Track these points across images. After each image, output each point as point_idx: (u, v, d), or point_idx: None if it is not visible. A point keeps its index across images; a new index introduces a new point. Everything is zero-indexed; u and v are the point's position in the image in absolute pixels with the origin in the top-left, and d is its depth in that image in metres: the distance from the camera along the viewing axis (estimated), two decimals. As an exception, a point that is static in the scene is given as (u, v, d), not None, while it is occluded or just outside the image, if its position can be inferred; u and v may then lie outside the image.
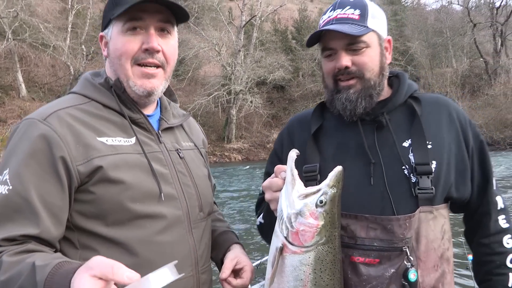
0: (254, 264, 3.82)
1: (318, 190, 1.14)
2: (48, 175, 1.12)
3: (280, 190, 1.20)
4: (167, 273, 0.89)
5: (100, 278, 0.88)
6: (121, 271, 0.87)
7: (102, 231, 1.15)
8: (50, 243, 1.13)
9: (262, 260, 3.91)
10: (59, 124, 1.16)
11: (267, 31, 38.64)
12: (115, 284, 0.89)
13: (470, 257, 3.32)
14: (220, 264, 1.50)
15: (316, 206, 1.13)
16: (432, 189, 1.34)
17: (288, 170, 1.17)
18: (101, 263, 0.90)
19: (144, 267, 1.05)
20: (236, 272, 1.43)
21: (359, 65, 1.38)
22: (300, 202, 1.13)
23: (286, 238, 1.12)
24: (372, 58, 1.40)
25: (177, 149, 1.39)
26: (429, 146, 1.39)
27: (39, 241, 1.11)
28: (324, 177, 1.19)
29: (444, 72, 35.47)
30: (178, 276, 0.91)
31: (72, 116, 1.20)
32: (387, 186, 1.36)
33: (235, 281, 1.40)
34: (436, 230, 1.36)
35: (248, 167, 23.27)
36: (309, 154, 1.45)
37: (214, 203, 1.68)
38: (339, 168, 1.18)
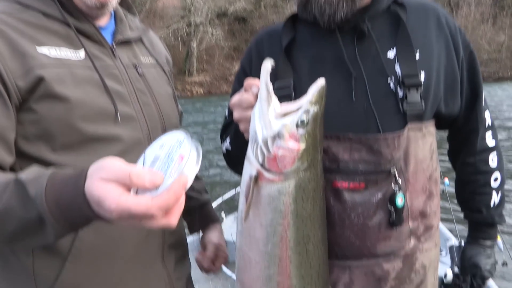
0: (225, 198, 3.83)
1: (299, 108, 0.97)
2: None
3: (251, 107, 1.01)
4: (193, 158, 0.75)
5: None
6: (141, 177, 0.71)
7: (49, 157, 0.99)
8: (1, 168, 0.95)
9: (237, 190, 3.86)
10: None
11: (227, -43, 36.91)
12: None
13: (447, 181, 3.39)
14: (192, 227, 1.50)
15: (297, 126, 0.95)
16: (421, 103, 1.20)
17: (263, 84, 0.96)
18: (115, 169, 0.73)
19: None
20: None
21: None
22: (277, 123, 0.95)
23: (261, 165, 0.96)
24: None
25: (135, 65, 1.20)
26: (417, 56, 1.24)
27: None
28: (299, 95, 1.03)
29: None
30: (200, 158, 0.77)
31: (5, 23, 0.99)
32: (371, 102, 1.20)
33: (214, 267, 1.46)
34: (425, 149, 1.26)
35: (209, 102, 23.06)
36: (281, 70, 1.26)
37: None
38: (321, 81, 0.99)
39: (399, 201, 1.19)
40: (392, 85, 1.22)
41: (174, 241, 1.23)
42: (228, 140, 1.39)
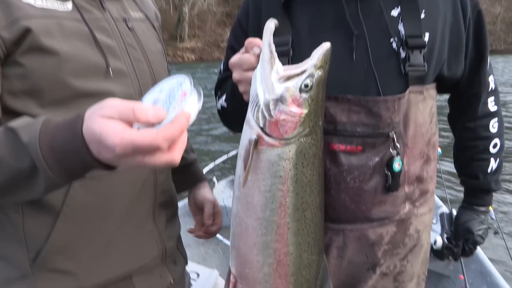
0: (216, 163, 3.82)
1: (303, 72, 0.93)
2: None
3: (252, 69, 0.97)
4: (195, 95, 0.76)
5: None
6: (145, 111, 0.69)
7: (37, 113, 0.93)
8: None
9: (229, 155, 3.84)
10: None
11: None
12: None
13: (439, 150, 3.38)
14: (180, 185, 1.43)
15: (300, 91, 0.92)
16: (424, 65, 1.15)
17: (266, 45, 0.93)
18: (117, 106, 0.70)
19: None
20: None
21: None
22: (280, 86, 0.92)
23: (262, 129, 0.93)
24: None
25: (125, 19, 1.15)
26: (422, 15, 1.19)
27: None
28: (297, 52, 1.01)
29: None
30: (201, 97, 0.77)
31: None
32: (372, 62, 1.16)
33: (212, 228, 1.41)
34: (425, 113, 1.23)
35: (201, 68, 22.83)
36: (279, 26, 1.23)
37: None
38: (327, 45, 0.95)
39: (397, 166, 1.17)
40: (394, 45, 1.17)
41: (165, 200, 1.22)
42: (224, 97, 1.33)
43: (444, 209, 2.91)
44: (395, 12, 1.18)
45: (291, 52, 1.19)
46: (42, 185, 0.76)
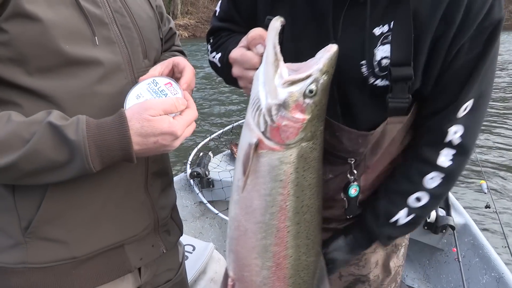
0: (212, 137, 3.82)
1: (308, 76, 0.88)
2: None
3: (254, 69, 0.94)
4: (175, 84, 1.04)
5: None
6: (179, 102, 0.99)
7: (24, 81, 0.94)
8: None
9: (224, 129, 3.82)
10: None
11: None
12: None
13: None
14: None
15: (305, 96, 0.88)
16: (408, 97, 1.00)
17: (270, 46, 0.87)
18: (159, 104, 0.96)
19: None
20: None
21: None
22: (284, 91, 0.87)
23: (263, 133, 0.90)
24: None
25: None
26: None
27: None
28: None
29: None
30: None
31: None
32: (336, 85, 1.02)
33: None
34: (398, 137, 1.10)
35: (195, 46, 22.58)
36: (261, 11, 1.11)
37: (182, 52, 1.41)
38: (334, 48, 0.89)
39: (353, 191, 1.14)
40: (364, 69, 1.01)
41: (158, 169, 1.21)
42: (218, 57, 1.23)
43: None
44: (378, 30, 0.99)
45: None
46: (73, 174, 0.93)
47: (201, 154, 3.57)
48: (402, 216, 1.13)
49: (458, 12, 0.93)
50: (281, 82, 0.88)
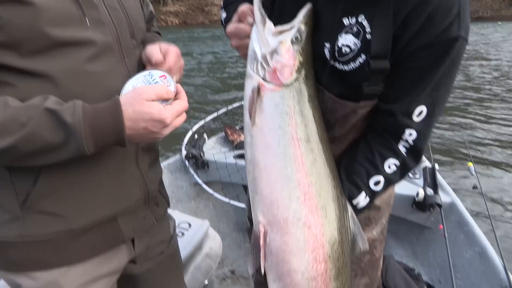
0: (206, 120, 3.87)
1: (292, 27, 1.05)
2: None
3: (248, 36, 1.09)
4: (169, 77, 1.09)
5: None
6: (169, 90, 1.04)
7: (17, 63, 0.96)
8: None
9: (219, 112, 3.87)
10: None
11: None
12: None
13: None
14: None
15: (292, 42, 1.04)
16: (382, 87, 1.10)
17: (257, 10, 1.05)
18: (153, 90, 1.00)
19: (69, 100, 0.97)
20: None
21: None
22: (274, 40, 1.04)
23: (263, 78, 1.05)
24: None
25: None
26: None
27: None
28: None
29: None
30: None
31: None
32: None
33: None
34: (366, 116, 1.18)
35: (187, 33, 22.41)
36: None
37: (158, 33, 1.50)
38: (309, 6, 1.07)
39: None
40: (326, 52, 1.12)
41: (147, 145, 1.26)
42: (224, 16, 1.36)
43: (427, 163, 3.01)
44: (347, 20, 1.09)
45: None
46: (68, 156, 0.96)
47: (196, 136, 3.61)
48: (362, 199, 1.16)
49: (418, 19, 1.01)
50: (271, 33, 1.04)
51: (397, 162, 1.15)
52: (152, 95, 0.99)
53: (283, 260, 1.05)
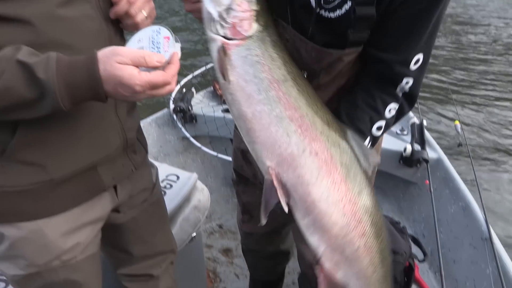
0: (195, 74, 3.80)
1: None
2: None
3: (198, 1, 1.06)
4: (174, 37, 1.01)
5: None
6: (152, 58, 0.93)
7: None
8: None
9: (207, 67, 3.79)
10: None
11: None
12: None
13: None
14: None
15: None
16: (367, 33, 1.09)
17: None
18: (129, 53, 0.92)
19: (47, 47, 0.94)
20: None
21: None
22: None
23: (225, 37, 1.03)
24: None
25: None
26: None
27: None
28: None
29: None
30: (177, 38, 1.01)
31: None
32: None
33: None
34: (352, 62, 1.18)
35: None
36: None
37: None
38: None
39: None
40: (313, 1, 1.11)
41: None
42: None
43: (415, 119, 3.02)
44: None
45: None
46: (45, 111, 0.93)
47: (184, 90, 3.56)
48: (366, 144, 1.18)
49: None
50: None
51: (396, 107, 1.18)
52: (127, 59, 0.91)
53: (304, 193, 1.03)
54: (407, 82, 1.15)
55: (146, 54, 0.92)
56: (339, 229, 1.03)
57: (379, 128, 1.18)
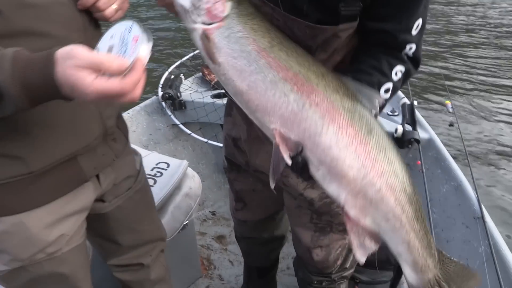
0: (183, 60, 3.76)
1: None
2: None
3: None
4: (145, 37, 0.88)
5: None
6: (111, 63, 0.81)
7: None
8: None
9: (195, 52, 3.75)
10: None
11: None
12: None
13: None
14: None
15: None
16: (360, 5, 1.08)
17: None
18: (87, 57, 0.81)
19: (19, 36, 0.93)
20: None
21: None
22: None
23: (203, 24, 1.05)
24: None
25: None
26: None
27: None
28: None
29: None
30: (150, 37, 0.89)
31: None
32: None
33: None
34: (348, 38, 1.18)
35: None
36: None
37: None
38: None
39: None
40: None
41: None
42: None
43: (406, 100, 3.01)
44: None
45: None
46: (9, 111, 0.87)
47: (172, 77, 3.52)
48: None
49: None
50: None
51: (403, 69, 1.19)
52: (84, 63, 0.81)
53: (313, 144, 1.03)
54: (411, 48, 1.17)
55: (105, 59, 0.82)
56: (356, 171, 1.02)
57: (387, 91, 1.17)
